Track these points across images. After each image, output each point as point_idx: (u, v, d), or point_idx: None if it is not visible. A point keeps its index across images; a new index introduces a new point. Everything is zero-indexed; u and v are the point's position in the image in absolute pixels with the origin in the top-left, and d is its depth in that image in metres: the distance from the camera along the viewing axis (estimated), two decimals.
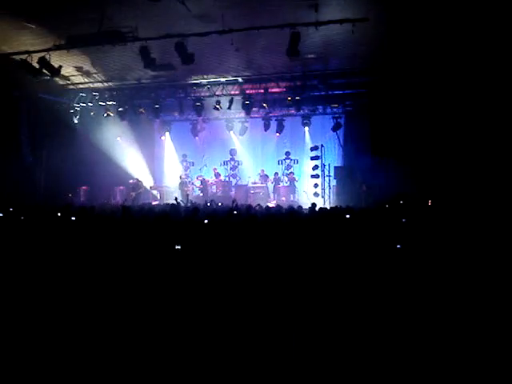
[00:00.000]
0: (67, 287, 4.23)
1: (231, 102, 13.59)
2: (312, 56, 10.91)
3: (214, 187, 15.99)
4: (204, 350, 3.12)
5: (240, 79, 13.13)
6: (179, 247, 5.00)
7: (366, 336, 3.24)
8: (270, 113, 15.36)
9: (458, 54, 10.09)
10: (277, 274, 4.33)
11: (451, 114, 11.26)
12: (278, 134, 15.80)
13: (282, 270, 4.43)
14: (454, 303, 3.68)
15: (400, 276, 4.27)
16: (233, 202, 9.16)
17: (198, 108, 14.13)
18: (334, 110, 14.77)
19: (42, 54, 9.94)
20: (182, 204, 10.51)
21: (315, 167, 14.95)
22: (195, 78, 13.19)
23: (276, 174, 15.67)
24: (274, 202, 14.38)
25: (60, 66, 10.52)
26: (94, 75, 12.88)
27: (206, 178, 15.95)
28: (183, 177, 15.87)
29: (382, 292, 3.92)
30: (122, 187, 16.02)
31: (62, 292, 4.13)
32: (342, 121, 14.86)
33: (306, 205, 10.02)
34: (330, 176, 14.72)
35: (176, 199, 9.24)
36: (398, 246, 5.02)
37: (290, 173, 15.67)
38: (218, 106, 13.98)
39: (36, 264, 4.81)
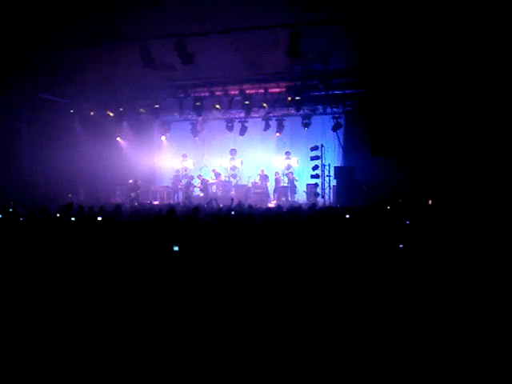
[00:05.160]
0: (67, 288, 4.23)
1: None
2: (312, 56, 10.91)
3: (214, 187, 15.99)
4: (203, 352, 3.12)
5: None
6: (177, 249, 4.96)
7: (368, 336, 3.24)
8: (270, 113, 15.36)
9: (457, 53, 10.09)
10: (278, 274, 4.33)
11: (451, 113, 11.26)
12: (278, 134, 15.81)
13: (282, 270, 4.42)
14: (457, 303, 3.68)
15: (402, 276, 4.27)
16: (232, 200, 9.19)
17: (198, 108, 14.13)
18: (334, 109, 14.77)
19: None
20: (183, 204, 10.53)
21: (315, 167, 14.95)
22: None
23: (276, 173, 15.66)
24: (274, 202, 14.39)
25: None
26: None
27: (206, 178, 15.94)
28: (188, 178, 15.85)
29: (384, 292, 3.92)
30: (121, 187, 16.03)
31: (61, 292, 4.13)
32: (342, 121, 14.87)
33: (306, 205, 10.02)
34: (330, 176, 14.74)
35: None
36: (401, 246, 5.02)
37: (290, 173, 15.66)
38: (217, 106, 14.02)
39: (35, 264, 4.81)
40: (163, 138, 17.62)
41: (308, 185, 15.21)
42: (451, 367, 2.87)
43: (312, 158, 15.10)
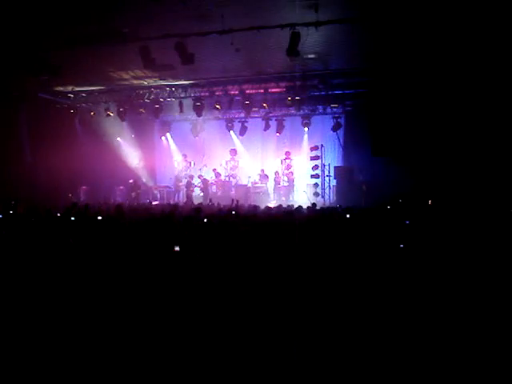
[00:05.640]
0: (68, 287, 4.23)
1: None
2: (312, 56, 10.90)
3: (214, 187, 15.99)
4: (204, 353, 3.12)
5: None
6: (178, 249, 4.96)
7: (369, 336, 3.24)
8: (270, 113, 15.37)
9: (457, 52, 10.09)
10: (278, 274, 4.33)
11: (451, 113, 11.27)
12: (278, 134, 15.82)
13: (283, 270, 4.42)
14: (457, 303, 3.68)
15: (402, 276, 4.27)
16: (232, 201, 9.18)
17: (198, 108, 14.12)
18: (334, 109, 14.78)
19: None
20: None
21: (315, 167, 14.95)
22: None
23: (276, 173, 15.66)
24: (274, 202, 14.38)
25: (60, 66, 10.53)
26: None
27: (206, 178, 15.95)
28: (188, 178, 15.86)
29: (384, 292, 3.92)
30: (121, 187, 16.04)
31: (62, 292, 4.13)
32: (342, 121, 14.88)
33: (306, 205, 10.02)
34: (330, 176, 14.74)
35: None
36: (401, 246, 5.03)
37: (290, 173, 15.66)
38: (217, 106, 14.02)
39: (35, 265, 4.81)
40: (163, 138, 17.64)
41: (308, 185, 15.22)
42: (451, 366, 2.87)
43: (312, 158, 15.12)
